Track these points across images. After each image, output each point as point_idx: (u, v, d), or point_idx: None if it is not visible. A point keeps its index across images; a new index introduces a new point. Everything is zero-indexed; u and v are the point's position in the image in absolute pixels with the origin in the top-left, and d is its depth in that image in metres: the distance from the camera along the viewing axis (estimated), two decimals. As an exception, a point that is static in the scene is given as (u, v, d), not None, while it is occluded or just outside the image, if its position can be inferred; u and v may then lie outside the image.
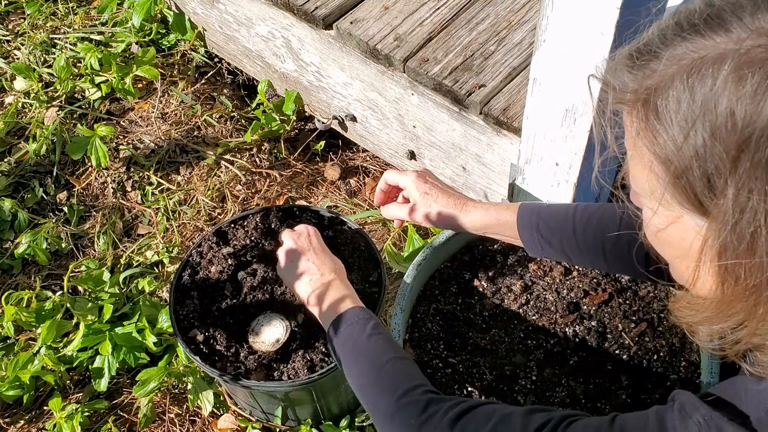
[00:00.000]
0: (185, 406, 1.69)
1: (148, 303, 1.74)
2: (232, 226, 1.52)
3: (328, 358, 1.34)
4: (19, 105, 2.26)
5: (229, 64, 2.34)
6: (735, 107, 0.53)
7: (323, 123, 2.06)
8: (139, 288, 1.84)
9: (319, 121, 2.07)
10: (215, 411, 1.64)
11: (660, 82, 0.57)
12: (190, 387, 1.63)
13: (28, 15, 2.47)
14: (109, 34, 2.36)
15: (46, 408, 1.69)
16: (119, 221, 2.01)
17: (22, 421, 1.69)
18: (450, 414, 0.89)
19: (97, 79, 2.24)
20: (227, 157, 2.11)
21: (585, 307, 1.34)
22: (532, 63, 1.25)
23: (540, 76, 1.25)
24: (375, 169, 2.12)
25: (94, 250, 1.97)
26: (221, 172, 2.09)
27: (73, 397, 1.72)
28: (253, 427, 1.60)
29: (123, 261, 1.91)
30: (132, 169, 2.11)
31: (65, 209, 2.03)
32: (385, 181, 1.27)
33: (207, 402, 1.62)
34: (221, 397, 1.66)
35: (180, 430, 1.66)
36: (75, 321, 1.74)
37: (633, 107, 0.60)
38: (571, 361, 1.29)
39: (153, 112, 2.21)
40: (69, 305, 1.72)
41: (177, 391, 1.71)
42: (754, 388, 0.65)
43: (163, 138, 2.15)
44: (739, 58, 0.53)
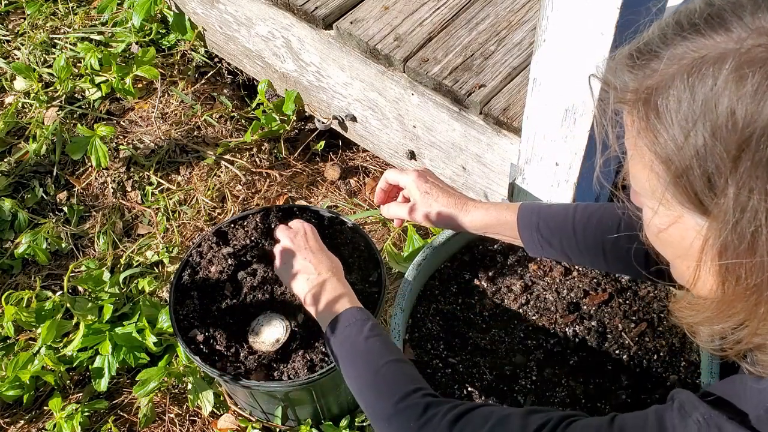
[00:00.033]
0: (185, 406, 1.69)
1: (148, 303, 1.74)
2: (232, 226, 1.52)
3: (328, 358, 1.34)
4: (19, 105, 2.26)
5: (229, 64, 2.34)
6: (736, 107, 0.53)
7: (323, 123, 2.06)
8: (139, 288, 1.84)
9: (319, 121, 2.07)
10: (215, 411, 1.64)
11: (660, 82, 0.57)
12: (190, 387, 1.63)
13: (28, 15, 2.47)
14: (109, 34, 2.36)
15: (46, 408, 1.69)
16: (119, 221, 2.01)
17: (22, 421, 1.69)
18: (448, 416, 0.89)
19: (97, 79, 2.24)
20: (227, 157, 2.11)
21: (585, 307, 1.34)
22: (532, 63, 1.25)
23: (540, 76, 1.25)
24: (375, 169, 2.12)
25: (94, 250, 1.97)
26: (221, 172, 2.09)
27: (73, 397, 1.72)
28: (253, 427, 1.60)
29: (123, 261, 1.91)
30: (132, 169, 2.11)
31: (65, 209, 2.03)
32: (385, 180, 1.27)
33: (207, 402, 1.62)
34: (221, 397, 1.66)
35: (180, 430, 1.66)
36: (75, 321, 1.74)
37: (633, 107, 0.60)
38: (571, 361, 1.29)
39: (153, 112, 2.21)
40: (69, 305, 1.72)
41: (177, 391, 1.71)
42: (754, 387, 0.65)
43: (163, 138, 2.15)
44: (740, 58, 0.53)
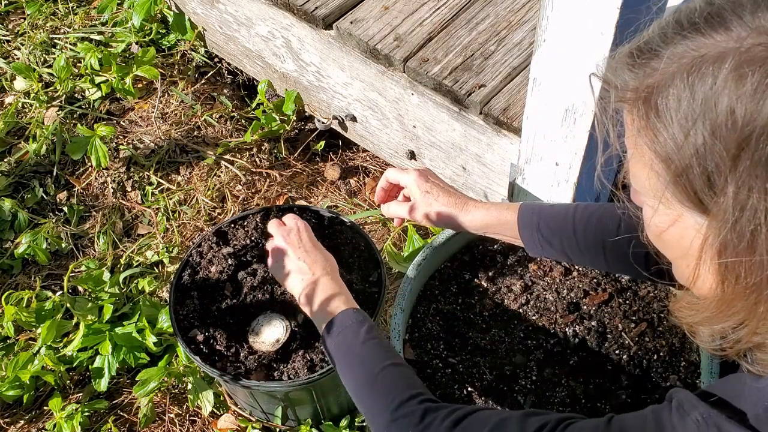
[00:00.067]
0: (185, 406, 1.69)
1: (148, 303, 1.74)
2: (232, 226, 1.52)
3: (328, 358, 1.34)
4: (19, 105, 2.26)
5: (229, 64, 2.34)
6: (735, 106, 0.53)
7: (323, 123, 2.06)
8: (139, 288, 1.84)
9: (319, 121, 2.07)
10: (215, 411, 1.64)
11: (660, 81, 0.57)
12: (190, 387, 1.63)
13: (28, 15, 2.47)
14: (109, 34, 2.36)
15: (46, 408, 1.69)
16: (119, 221, 2.01)
17: (22, 421, 1.69)
18: (446, 422, 0.90)
19: (97, 79, 2.24)
20: (227, 157, 2.11)
21: (585, 307, 1.34)
22: (532, 63, 1.25)
23: (540, 76, 1.25)
24: (375, 169, 2.12)
25: (94, 250, 1.97)
26: (221, 172, 2.09)
27: (73, 397, 1.72)
28: (253, 427, 1.60)
29: (123, 261, 1.91)
30: (132, 169, 2.11)
31: (65, 209, 2.03)
32: (386, 179, 1.26)
33: (207, 402, 1.62)
34: (221, 397, 1.66)
35: (180, 430, 1.66)
36: (75, 321, 1.74)
37: (634, 105, 0.60)
38: (571, 361, 1.29)
39: (153, 112, 2.21)
40: (69, 305, 1.72)
41: (177, 391, 1.71)
42: (753, 386, 0.65)
43: (163, 138, 2.15)
44: (740, 57, 0.53)
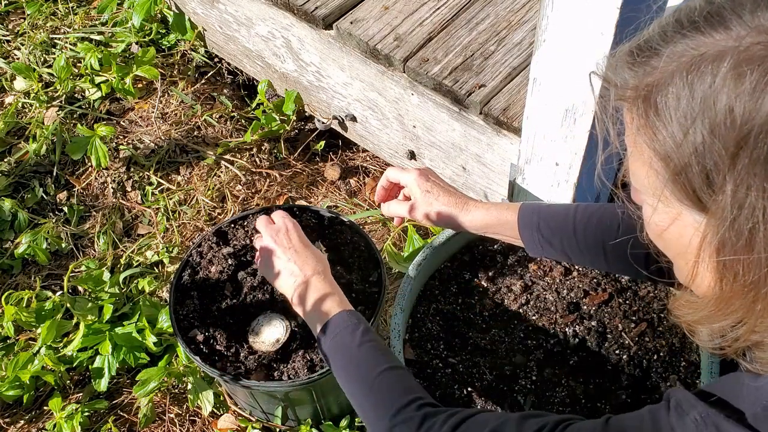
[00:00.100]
0: (185, 406, 1.69)
1: (148, 303, 1.74)
2: (232, 226, 1.52)
3: (328, 357, 1.34)
4: (19, 105, 2.26)
5: (229, 64, 2.34)
6: (734, 104, 0.53)
7: (323, 123, 2.06)
8: (139, 288, 1.84)
9: (319, 121, 2.07)
10: (215, 411, 1.64)
11: (660, 79, 0.58)
12: (190, 387, 1.63)
13: (28, 15, 2.47)
14: (109, 34, 2.36)
15: (46, 408, 1.69)
16: (119, 221, 2.02)
17: (22, 421, 1.69)
18: (445, 427, 0.90)
19: (97, 79, 2.24)
20: (227, 157, 2.11)
21: (585, 307, 1.34)
22: (532, 63, 1.25)
23: (540, 76, 1.25)
24: (375, 169, 2.12)
25: (94, 250, 1.97)
26: (221, 172, 2.09)
27: (73, 397, 1.72)
28: (253, 427, 1.60)
29: (123, 261, 1.91)
30: (132, 169, 2.11)
31: (65, 209, 2.03)
32: (386, 178, 1.26)
33: (207, 402, 1.62)
34: (221, 397, 1.66)
35: (180, 430, 1.66)
36: (75, 321, 1.74)
37: (633, 104, 0.60)
38: (571, 361, 1.29)
39: (153, 112, 2.21)
40: (69, 305, 1.72)
41: (177, 391, 1.71)
42: (751, 385, 0.65)
43: (163, 138, 2.15)
44: (739, 56, 0.53)
